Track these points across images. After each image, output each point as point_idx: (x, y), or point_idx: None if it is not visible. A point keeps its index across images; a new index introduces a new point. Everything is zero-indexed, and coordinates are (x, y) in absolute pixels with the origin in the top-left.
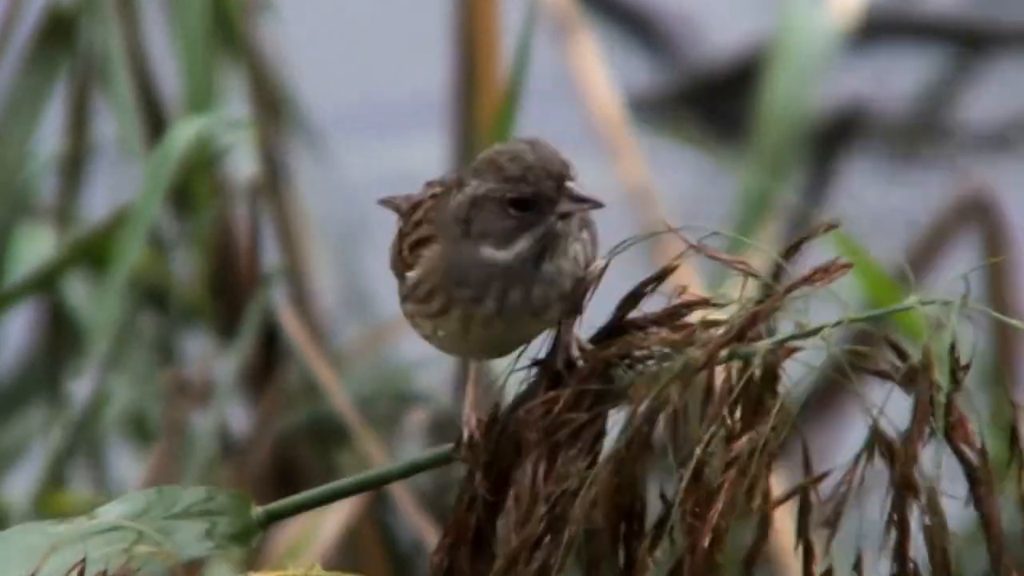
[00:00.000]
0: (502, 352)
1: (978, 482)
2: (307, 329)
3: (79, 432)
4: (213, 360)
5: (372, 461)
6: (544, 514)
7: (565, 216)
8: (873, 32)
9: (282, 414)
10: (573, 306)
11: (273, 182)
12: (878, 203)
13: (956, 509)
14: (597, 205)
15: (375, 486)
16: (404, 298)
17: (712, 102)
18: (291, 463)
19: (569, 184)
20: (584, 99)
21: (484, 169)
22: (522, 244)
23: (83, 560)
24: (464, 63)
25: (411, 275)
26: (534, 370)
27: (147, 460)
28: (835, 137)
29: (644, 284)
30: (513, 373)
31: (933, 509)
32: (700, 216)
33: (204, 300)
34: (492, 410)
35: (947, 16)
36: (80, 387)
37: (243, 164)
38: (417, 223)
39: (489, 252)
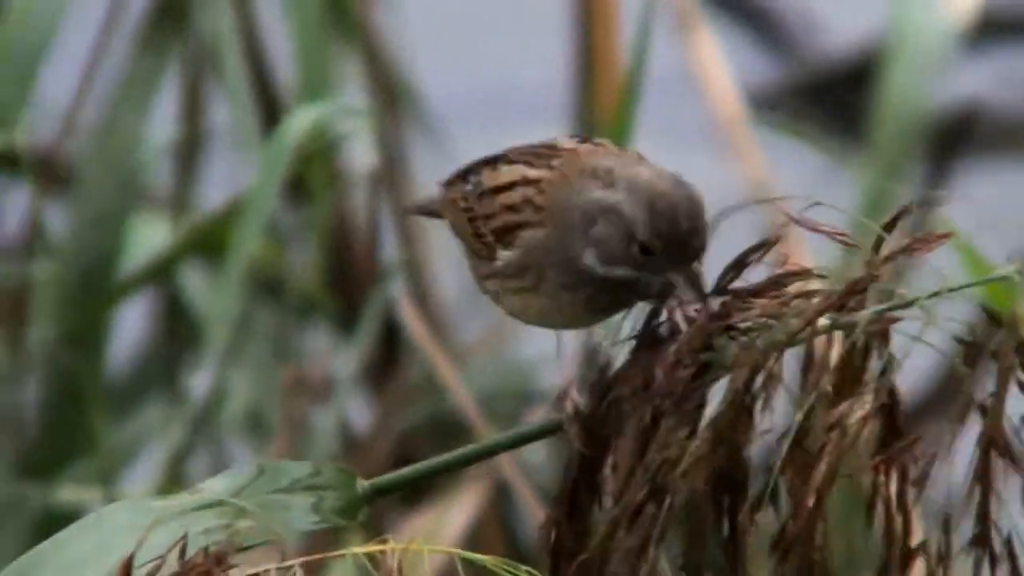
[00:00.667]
0: (576, 324)
1: None
2: (427, 324)
3: (198, 427)
4: (332, 355)
5: (494, 459)
6: (646, 482)
7: (664, 296)
8: (992, 31)
9: (402, 410)
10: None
11: (391, 172)
12: (995, 204)
13: None
14: (700, 307)
15: (482, 458)
16: (487, 276)
17: (831, 97)
18: (411, 460)
19: (693, 269)
20: (703, 93)
21: (636, 189)
22: (621, 272)
23: (184, 536)
24: (583, 53)
25: (505, 254)
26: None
27: (266, 456)
28: (953, 137)
29: (747, 253)
30: (617, 341)
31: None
32: (817, 212)
33: (322, 293)
34: (596, 378)
35: None
36: (198, 381)
37: (360, 154)
38: (509, 207)
39: (591, 260)
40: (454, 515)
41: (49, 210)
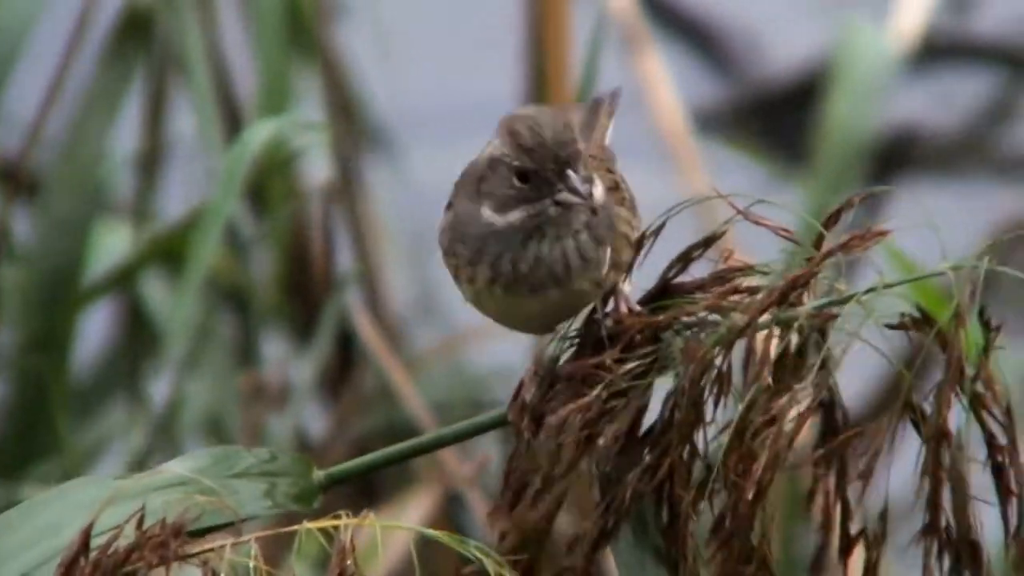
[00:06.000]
0: (533, 327)
1: (998, 447)
2: (381, 333)
3: (158, 432)
4: (290, 363)
5: (447, 467)
6: (595, 475)
7: (561, 204)
8: (931, 54)
9: (358, 418)
10: (624, 268)
11: (346, 185)
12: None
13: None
14: (589, 206)
15: (430, 450)
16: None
17: (773, 117)
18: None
19: (570, 173)
20: (649, 110)
21: (505, 131)
22: (516, 215)
23: (142, 509)
24: (534, 71)
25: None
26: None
27: None
28: (892, 158)
29: (691, 248)
30: (566, 333)
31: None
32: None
33: (281, 302)
34: (543, 370)
35: (1005, 38)
36: (158, 387)
37: (317, 167)
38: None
39: (488, 213)
40: (406, 519)
41: (15, 218)
